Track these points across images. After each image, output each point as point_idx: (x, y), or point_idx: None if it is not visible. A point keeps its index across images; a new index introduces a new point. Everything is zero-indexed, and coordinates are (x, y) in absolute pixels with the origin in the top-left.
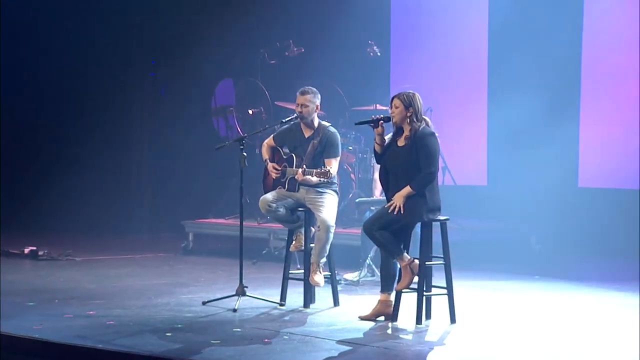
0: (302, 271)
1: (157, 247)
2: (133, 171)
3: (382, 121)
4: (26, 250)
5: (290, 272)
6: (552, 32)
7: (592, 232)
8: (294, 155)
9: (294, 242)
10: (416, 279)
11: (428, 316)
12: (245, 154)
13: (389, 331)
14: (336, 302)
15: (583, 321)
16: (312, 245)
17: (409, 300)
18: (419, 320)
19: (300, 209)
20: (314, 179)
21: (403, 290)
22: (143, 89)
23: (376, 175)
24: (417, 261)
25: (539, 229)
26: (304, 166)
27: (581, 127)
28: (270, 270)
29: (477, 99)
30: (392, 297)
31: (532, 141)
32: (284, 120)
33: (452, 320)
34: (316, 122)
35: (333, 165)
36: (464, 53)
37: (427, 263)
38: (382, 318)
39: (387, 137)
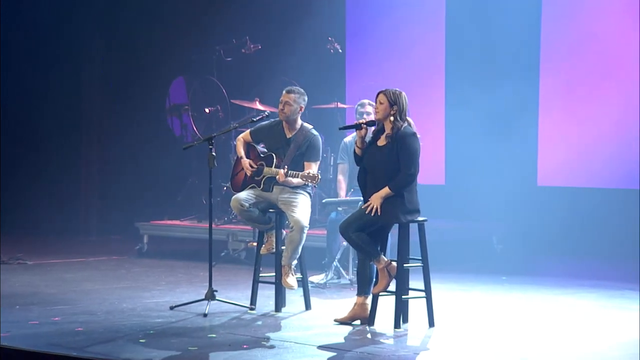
0: (272, 274)
1: (107, 249)
2: (81, 173)
3: (366, 125)
4: None
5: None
6: (510, 29)
7: (552, 231)
8: (274, 155)
9: (264, 245)
10: (393, 281)
11: (405, 320)
12: (214, 153)
13: (369, 335)
14: (308, 306)
15: (560, 321)
16: (283, 247)
17: (384, 303)
18: (397, 324)
19: (271, 210)
20: (296, 181)
21: (380, 293)
22: (93, 88)
23: (340, 177)
24: (394, 263)
25: (500, 229)
26: (286, 167)
27: (540, 126)
28: (231, 272)
29: (434, 98)
30: (369, 300)
31: (491, 140)
32: (254, 119)
33: (431, 323)
34: (299, 123)
35: (313, 169)
36: (420, 51)
37: (405, 265)
38: (358, 322)
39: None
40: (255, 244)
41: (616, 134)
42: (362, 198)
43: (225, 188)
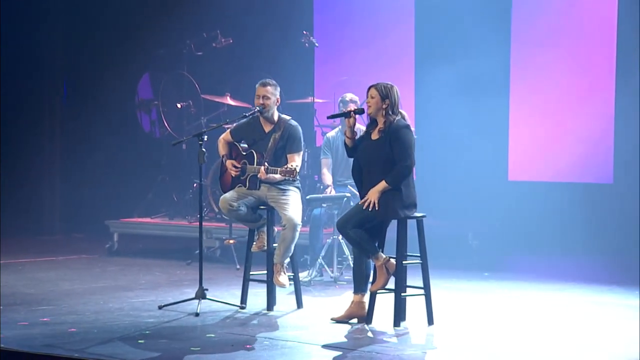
0: (261, 272)
1: (74, 248)
2: (44, 170)
3: (355, 113)
4: None
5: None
6: (480, 26)
7: (525, 226)
8: (254, 151)
9: (255, 242)
10: (392, 279)
11: (403, 318)
12: (204, 149)
13: (369, 334)
14: (299, 304)
15: (562, 318)
16: (274, 244)
17: (379, 301)
18: (396, 323)
19: (261, 207)
20: (278, 176)
21: (378, 291)
22: (55, 84)
23: (324, 169)
24: (393, 260)
25: (474, 225)
26: (266, 164)
27: (510, 120)
28: (209, 271)
29: (404, 94)
30: (366, 298)
31: (461, 135)
32: (246, 115)
33: (430, 321)
34: (276, 115)
35: (296, 161)
36: (389, 47)
37: (404, 262)
38: (355, 320)
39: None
40: (231, 241)
41: (589, 128)
42: (347, 194)
43: (195, 185)
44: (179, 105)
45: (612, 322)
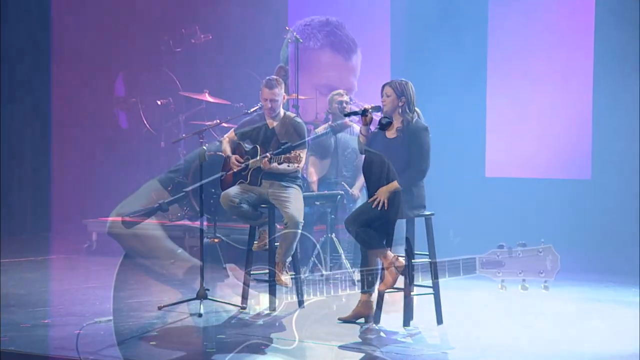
0: (258, 272)
1: (49, 247)
2: (13, 168)
3: (372, 111)
4: None
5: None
6: (457, 24)
7: (505, 223)
8: (258, 146)
9: (256, 241)
10: (400, 278)
11: (411, 317)
12: (205, 147)
13: (382, 334)
14: (301, 304)
15: (557, 314)
16: (276, 243)
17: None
18: (406, 322)
19: (263, 205)
20: (281, 166)
21: (386, 291)
22: (30, 78)
23: (311, 169)
24: (401, 259)
25: (454, 222)
26: (269, 155)
27: (488, 118)
28: (194, 269)
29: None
30: (373, 297)
31: (437, 132)
32: (248, 112)
33: (439, 321)
34: (281, 112)
35: (301, 157)
36: (366, 43)
37: (413, 261)
38: (361, 320)
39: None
40: (216, 240)
41: (567, 124)
42: (341, 192)
43: (176, 181)
44: (159, 102)
45: (613, 320)
